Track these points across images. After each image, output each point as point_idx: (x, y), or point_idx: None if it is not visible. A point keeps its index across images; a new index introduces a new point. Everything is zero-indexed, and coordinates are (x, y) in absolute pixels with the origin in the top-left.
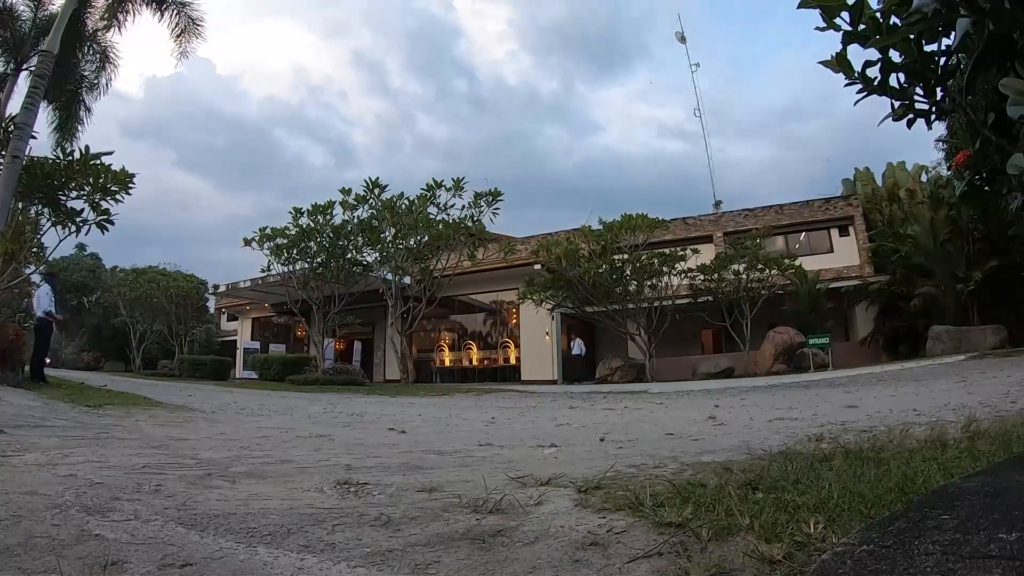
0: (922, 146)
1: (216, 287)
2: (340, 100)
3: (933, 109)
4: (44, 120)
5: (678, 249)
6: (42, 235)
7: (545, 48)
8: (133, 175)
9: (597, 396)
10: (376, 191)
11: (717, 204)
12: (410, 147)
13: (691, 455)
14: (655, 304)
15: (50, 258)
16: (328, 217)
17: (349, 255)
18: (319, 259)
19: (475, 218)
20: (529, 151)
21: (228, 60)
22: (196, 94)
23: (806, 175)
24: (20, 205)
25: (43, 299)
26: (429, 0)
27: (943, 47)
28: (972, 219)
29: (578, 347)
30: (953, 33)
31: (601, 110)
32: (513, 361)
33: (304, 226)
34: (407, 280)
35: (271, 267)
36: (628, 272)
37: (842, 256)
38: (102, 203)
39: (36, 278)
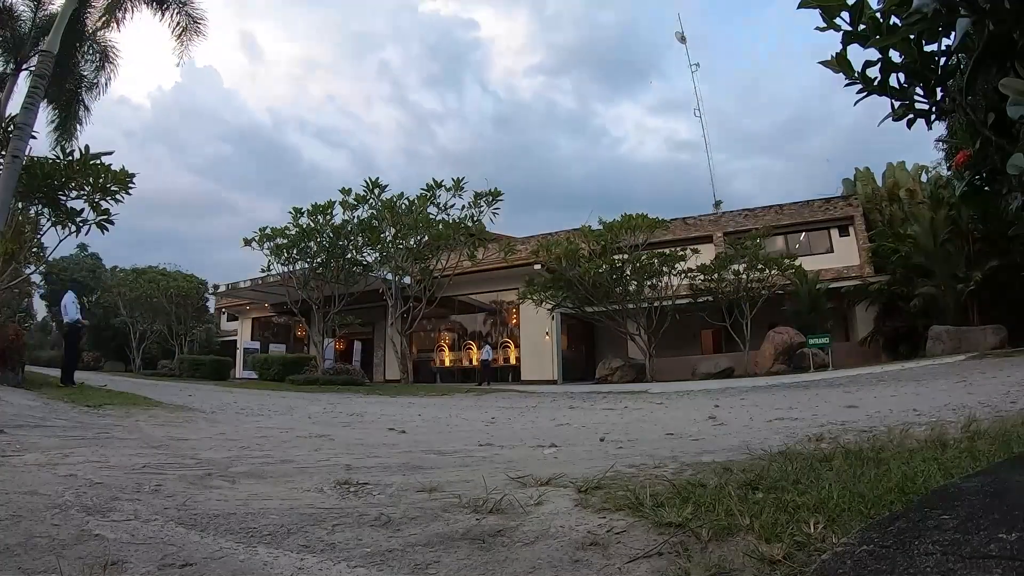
0: (922, 146)
1: (216, 287)
2: (364, 111)
3: (933, 109)
4: (44, 120)
5: (678, 249)
6: (42, 235)
7: (562, 66)
8: (133, 175)
9: (597, 396)
10: (376, 191)
11: (717, 204)
12: (431, 158)
13: (691, 455)
14: (655, 304)
15: (50, 258)
16: (328, 217)
17: (349, 255)
18: (319, 259)
19: (475, 218)
20: (544, 161)
21: (254, 71)
22: (218, 103)
23: (807, 176)
24: (20, 205)
25: (70, 307)
26: (452, 20)
27: (943, 47)
28: (972, 219)
29: (487, 352)
30: (953, 33)
31: (614, 124)
32: (513, 361)
33: (304, 226)
34: (407, 280)
35: (271, 267)
36: (628, 272)
37: (842, 256)
38: (102, 203)
39: (37, 277)
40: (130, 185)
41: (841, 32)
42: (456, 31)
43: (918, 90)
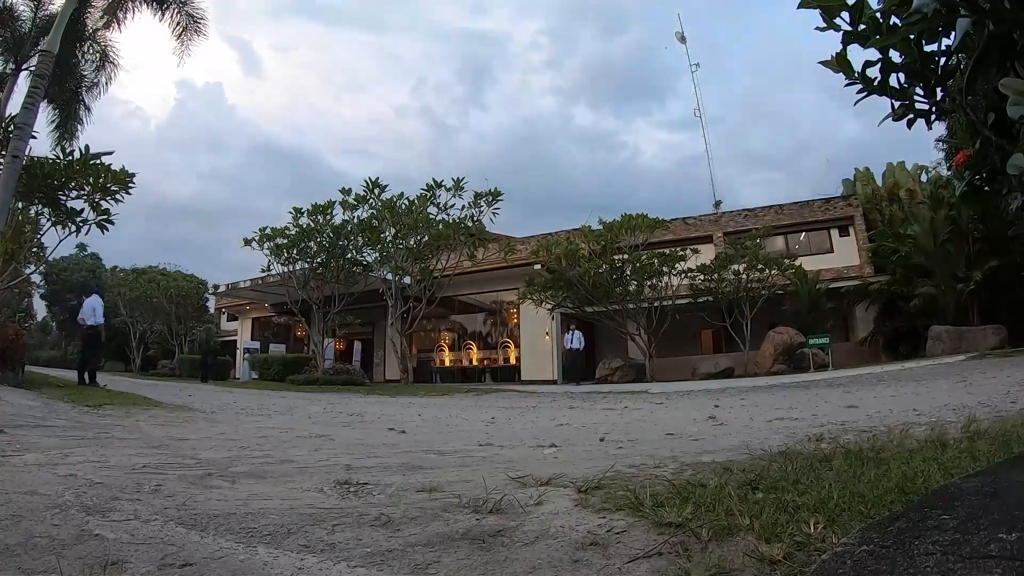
0: (922, 146)
1: (216, 287)
2: (393, 120)
3: (933, 109)
4: (44, 120)
5: (678, 249)
6: (42, 235)
7: (580, 85)
8: (133, 175)
9: (597, 396)
10: (376, 191)
11: (717, 204)
12: (451, 167)
13: (691, 455)
14: (655, 304)
15: (50, 258)
16: (328, 217)
17: (349, 255)
18: (319, 259)
19: (475, 218)
20: (558, 170)
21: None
22: (245, 116)
23: (807, 178)
24: (20, 205)
25: (98, 309)
26: (478, 42)
27: (943, 47)
28: (972, 219)
29: (577, 340)
30: (953, 33)
31: (628, 138)
32: (513, 361)
33: (304, 226)
34: (407, 280)
35: (271, 267)
36: (628, 272)
37: (842, 256)
38: (102, 203)
39: (37, 277)
40: (130, 185)
41: (841, 32)
42: (480, 50)
43: (918, 90)
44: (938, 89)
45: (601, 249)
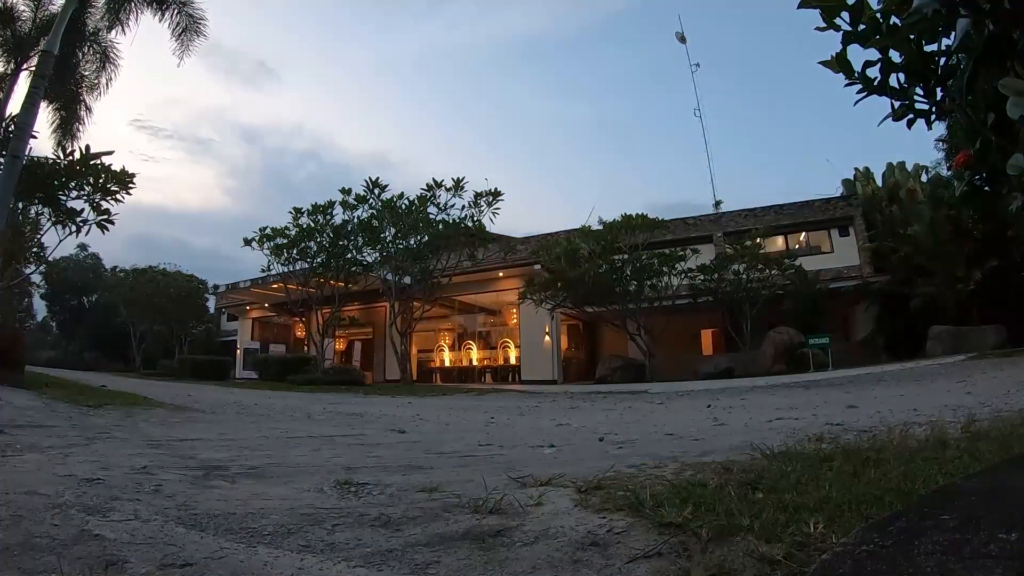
0: (922, 146)
1: (216, 287)
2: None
3: (933, 109)
4: (44, 120)
5: (678, 249)
6: (42, 235)
7: None
8: (133, 175)
9: (597, 396)
10: (376, 191)
11: (717, 204)
12: None
13: (691, 455)
14: (655, 304)
15: (50, 258)
16: (328, 217)
17: (349, 255)
18: (319, 259)
19: (475, 218)
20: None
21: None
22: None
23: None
24: (20, 205)
25: None
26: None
27: (943, 47)
28: (972, 219)
29: None
30: (953, 33)
31: None
32: (513, 361)
33: (304, 226)
34: (407, 280)
35: (271, 267)
36: (628, 272)
37: (842, 256)
38: (102, 203)
39: (37, 277)
40: (130, 185)
41: (841, 32)
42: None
43: (918, 90)
44: (938, 89)
45: (601, 249)
